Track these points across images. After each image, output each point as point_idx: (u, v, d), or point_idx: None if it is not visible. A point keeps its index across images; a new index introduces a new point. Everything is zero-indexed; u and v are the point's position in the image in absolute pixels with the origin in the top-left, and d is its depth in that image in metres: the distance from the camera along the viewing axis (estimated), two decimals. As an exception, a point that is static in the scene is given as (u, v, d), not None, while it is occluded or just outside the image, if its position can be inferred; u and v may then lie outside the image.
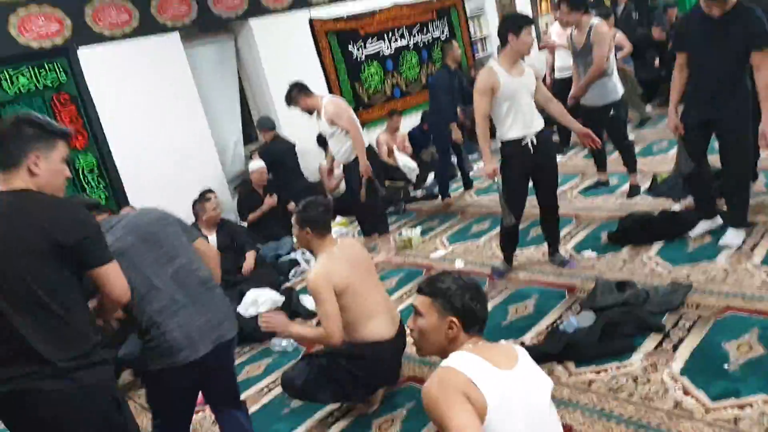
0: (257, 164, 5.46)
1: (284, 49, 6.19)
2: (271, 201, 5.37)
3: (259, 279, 4.42)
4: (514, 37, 3.44)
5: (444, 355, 1.62)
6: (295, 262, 5.00)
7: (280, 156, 5.70)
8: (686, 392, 2.43)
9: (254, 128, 6.32)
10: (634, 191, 4.80)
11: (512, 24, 3.49)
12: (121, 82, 5.01)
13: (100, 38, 4.92)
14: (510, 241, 3.92)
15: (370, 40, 7.02)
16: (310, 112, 4.70)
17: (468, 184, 6.20)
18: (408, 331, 2.02)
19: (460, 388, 1.44)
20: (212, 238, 4.50)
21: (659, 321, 2.93)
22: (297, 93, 4.63)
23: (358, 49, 6.89)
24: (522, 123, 3.53)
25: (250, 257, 4.59)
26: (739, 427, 2.18)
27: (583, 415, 2.44)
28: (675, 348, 2.73)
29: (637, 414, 2.38)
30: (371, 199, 4.77)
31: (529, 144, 3.53)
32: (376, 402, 2.88)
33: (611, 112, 4.69)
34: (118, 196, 4.94)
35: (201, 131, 5.56)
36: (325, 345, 2.70)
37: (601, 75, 4.59)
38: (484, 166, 3.67)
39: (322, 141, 5.93)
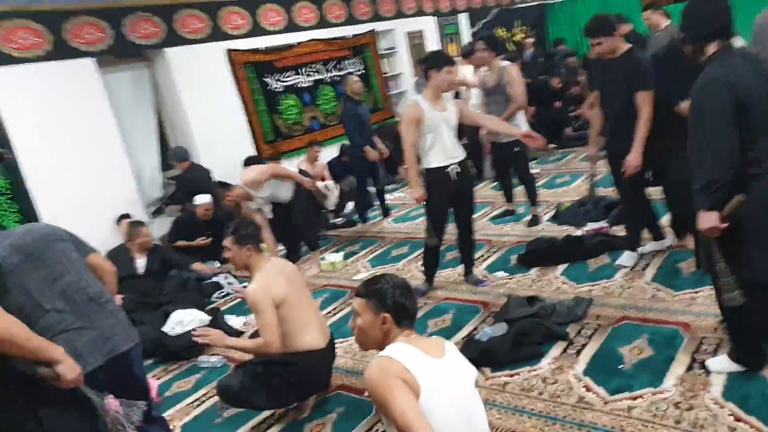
0: (204, 199, 5.44)
1: (202, 79, 6.24)
2: (203, 243, 5.44)
3: (184, 300, 4.47)
4: (435, 73, 3.74)
5: (382, 348, 1.77)
6: (217, 286, 5.11)
7: (197, 184, 5.68)
8: (588, 389, 2.71)
9: (171, 155, 6.27)
10: (534, 221, 5.20)
11: (434, 61, 3.79)
12: (34, 105, 4.88)
13: (8, 59, 4.78)
14: (432, 262, 4.16)
15: (286, 72, 7.20)
16: (243, 199, 4.99)
17: (386, 212, 6.45)
18: (345, 340, 2.15)
19: (398, 374, 1.59)
20: (142, 261, 4.62)
21: (564, 330, 3.22)
22: (220, 190, 5.00)
23: (275, 81, 7.05)
24: (444, 153, 3.81)
25: (197, 265, 4.99)
26: (632, 414, 2.46)
27: (499, 412, 2.65)
28: (578, 353, 3.02)
29: (546, 409, 2.62)
30: (312, 214, 5.10)
31: (452, 172, 3.81)
32: (308, 408, 2.99)
33: (516, 148, 5.03)
34: (31, 221, 4.75)
35: (118, 156, 5.48)
36: (263, 354, 2.77)
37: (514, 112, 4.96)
38: (412, 191, 3.92)
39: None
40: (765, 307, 2.46)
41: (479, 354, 3.05)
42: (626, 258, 3.96)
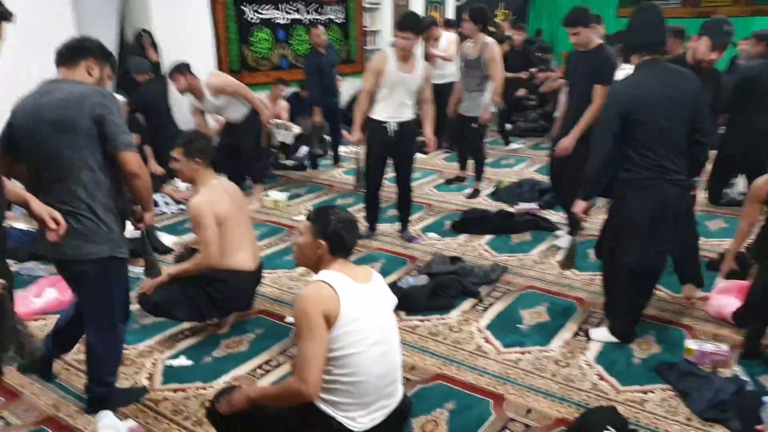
0: (117, 97, 5.38)
1: (177, 7, 6.16)
2: (134, 139, 5.37)
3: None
4: (397, 33, 3.95)
5: (314, 270, 2.02)
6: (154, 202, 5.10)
7: (156, 99, 5.49)
8: (487, 340, 3.08)
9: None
10: (474, 194, 5.57)
11: (398, 23, 3.99)
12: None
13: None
14: (370, 208, 4.46)
15: (265, 5, 7.19)
16: (193, 93, 4.83)
17: (336, 160, 6.69)
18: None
19: (322, 304, 1.82)
20: None
21: (477, 289, 3.58)
22: (176, 71, 4.74)
23: (252, 12, 7.05)
24: (388, 110, 4.06)
25: (168, 189, 5.08)
26: (518, 365, 2.85)
27: (406, 350, 2.98)
28: (485, 310, 3.40)
29: (447, 351, 2.98)
30: (260, 146, 5.19)
31: (389, 129, 4.06)
32: (227, 325, 3.21)
33: (473, 124, 5.30)
34: None
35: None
36: (199, 270, 2.91)
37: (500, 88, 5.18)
38: (353, 133, 4.20)
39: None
40: (638, 292, 2.90)
41: (399, 298, 3.31)
42: (565, 240, 4.30)
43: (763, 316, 2.75)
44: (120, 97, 5.42)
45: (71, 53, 2.24)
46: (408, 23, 3.90)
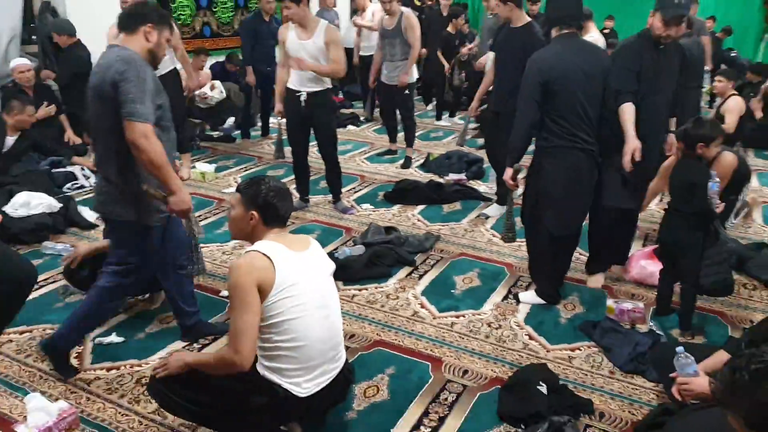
0: (20, 61, 5.11)
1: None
2: (48, 109, 5.13)
3: (32, 183, 4.28)
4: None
5: (250, 242, 2.00)
6: (71, 176, 4.90)
7: (83, 65, 5.17)
8: (422, 306, 3.17)
9: (33, 29, 5.77)
10: (407, 163, 5.64)
11: None
12: None
13: None
14: (297, 179, 4.49)
15: (187, -30, 6.89)
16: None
17: (265, 131, 6.56)
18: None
19: (255, 273, 1.82)
20: (11, 140, 4.40)
21: (412, 258, 3.66)
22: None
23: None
24: (297, 79, 4.08)
25: (78, 159, 4.88)
26: (453, 329, 2.95)
27: (344, 319, 2.98)
28: (420, 277, 3.48)
29: (385, 318, 3.04)
30: (183, 114, 5.05)
31: (301, 99, 4.08)
32: (159, 300, 3.14)
33: (405, 91, 5.43)
34: None
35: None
36: None
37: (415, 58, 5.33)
38: (276, 105, 4.31)
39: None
40: (559, 255, 3.08)
41: (336, 269, 3.37)
42: (493, 209, 4.47)
43: (668, 271, 2.96)
44: (23, 61, 5.11)
45: (130, 20, 2.35)
46: None
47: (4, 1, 5.40)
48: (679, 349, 2.11)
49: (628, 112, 2.86)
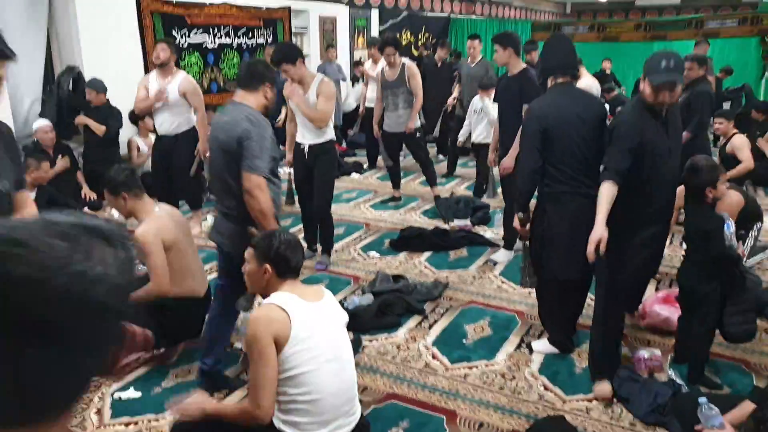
0: (41, 122, 5.26)
1: (105, 18, 5.99)
2: (63, 162, 5.23)
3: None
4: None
5: (265, 294, 2.01)
6: None
7: (114, 123, 5.57)
8: (434, 357, 3.11)
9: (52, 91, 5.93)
10: (437, 201, 5.72)
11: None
12: None
13: None
14: (305, 229, 4.54)
15: (195, 30, 7.08)
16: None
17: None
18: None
19: (272, 326, 1.82)
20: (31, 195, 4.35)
21: (422, 306, 3.63)
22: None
23: (181, 36, 6.92)
24: (301, 132, 4.22)
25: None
26: (467, 380, 2.90)
27: (356, 371, 2.97)
28: (430, 327, 3.44)
29: (397, 371, 2.99)
30: (195, 175, 5.12)
31: (304, 150, 4.19)
32: (175, 354, 3.10)
33: (417, 135, 5.63)
34: None
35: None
36: (150, 298, 2.77)
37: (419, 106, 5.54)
38: (286, 155, 4.47)
39: (134, 117, 5.89)
40: (568, 302, 3.04)
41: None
42: (501, 254, 4.46)
43: (687, 318, 2.91)
44: (46, 122, 5.23)
45: (253, 79, 2.66)
46: (275, 58, 3.97)
47: (28, 66, 5.60)
48: (702, 399, 2.06)
49: (604, 192, 2.55)
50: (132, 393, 2.79)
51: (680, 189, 2.91)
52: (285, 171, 6.41)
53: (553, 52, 3.02)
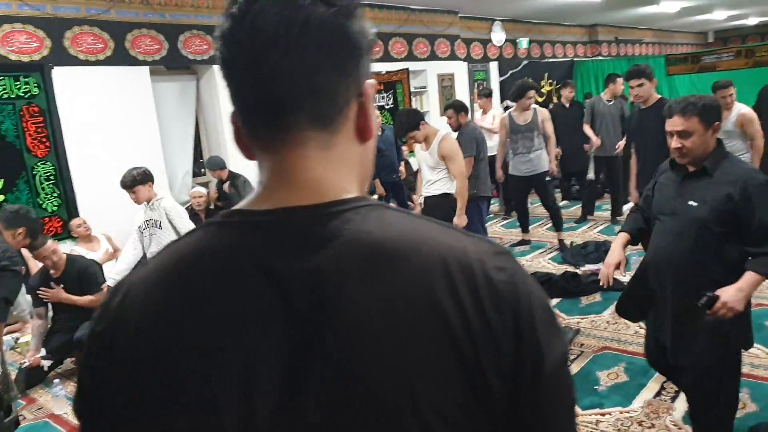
0: (197, 189, 5.91)
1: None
2: None
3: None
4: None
5: None
6: None
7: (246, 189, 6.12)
8: (563, 404, 2.96)
9: (202, 164, 6.69)
10: (562, 245, 5.59)
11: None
12: (88, 102, 5.34)
13: (74, 61, 5.28)
14: None
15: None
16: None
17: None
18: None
19: None
20: None
21: (549, 353, 3.48)
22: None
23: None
24: (424, 184, 4.38)
25: None
26: (598, 427, 2.72)
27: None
28: (559, 373, 3.28)
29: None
30: None
31: (425, 202, 4.37)
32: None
33: (546, 178, 5.62)
34: (69, 206, 5.19)
35: (155, 158, 5.89)
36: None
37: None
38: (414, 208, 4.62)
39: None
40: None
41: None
42: None
43: None
44: (201, 189, 5.91)
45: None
46: (400, 133, 4.39)
47: (181, 143, 6.47)
48: None
49: None
50: None
51: None
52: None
53: None
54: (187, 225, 3.91)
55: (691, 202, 2.13)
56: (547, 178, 5.65)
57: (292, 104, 0.60)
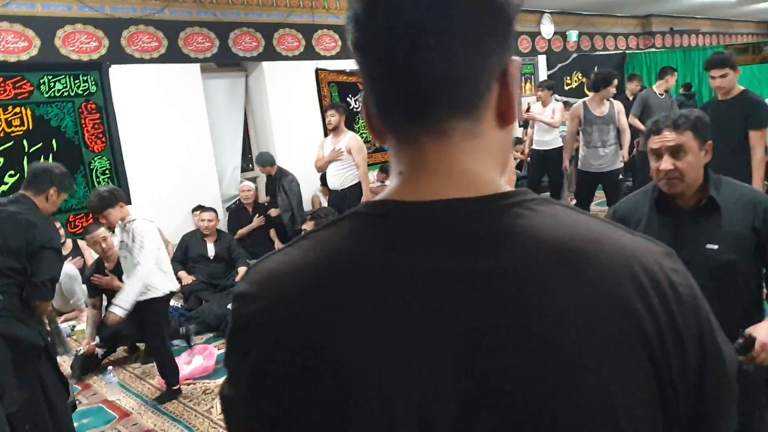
0: (246, 183, 6.12)
1: (290, 93, 6.81)
2: (259, 220, 5.95)
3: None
4: None
5: None
6: None
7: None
8: None
9: (250, 159, 6.87)
10: None
11: None
12: (142, 99, 5.56)
13: (130, 59, 5.49)
14: None
15: (366, 94, 7.72)
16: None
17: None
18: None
19: None
20: (212, 246, 5.09)
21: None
22: None
23: (355, 102, 7.57)
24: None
25: (242, 271, 5.03)
26: None
27: None
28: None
29: None
30: None
31: None
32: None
33: (619, 176, 5.35)
34: (124, 200, 5.44)
35: (205, 153, 6.09)
36: None
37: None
38: None
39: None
40: None
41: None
42: None
43: None
44: (249, 183, 6.12)
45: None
46: None
47: (231, 138, 6.65)
48: None
49: None
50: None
51: None
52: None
53: None
54: (145, 260, 3.27)
55: (710, 246, 1.71)
56: (620, 177, 5.37)
57: (432, 94, 0.55)
